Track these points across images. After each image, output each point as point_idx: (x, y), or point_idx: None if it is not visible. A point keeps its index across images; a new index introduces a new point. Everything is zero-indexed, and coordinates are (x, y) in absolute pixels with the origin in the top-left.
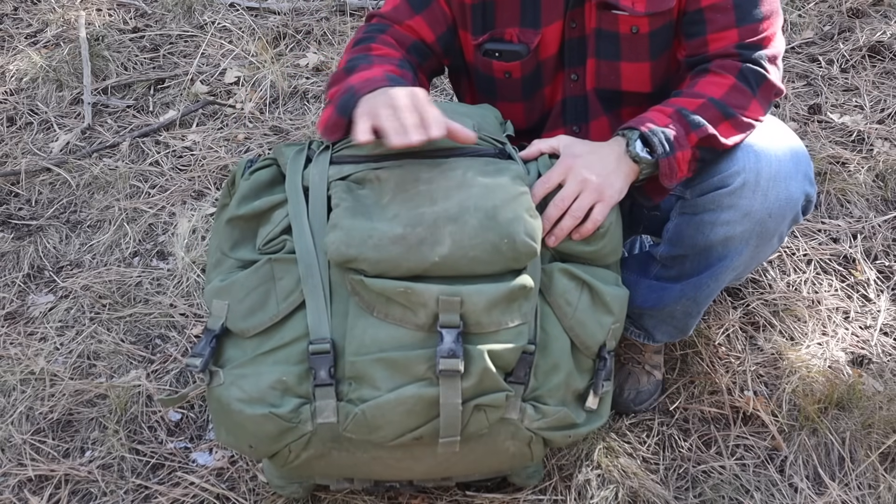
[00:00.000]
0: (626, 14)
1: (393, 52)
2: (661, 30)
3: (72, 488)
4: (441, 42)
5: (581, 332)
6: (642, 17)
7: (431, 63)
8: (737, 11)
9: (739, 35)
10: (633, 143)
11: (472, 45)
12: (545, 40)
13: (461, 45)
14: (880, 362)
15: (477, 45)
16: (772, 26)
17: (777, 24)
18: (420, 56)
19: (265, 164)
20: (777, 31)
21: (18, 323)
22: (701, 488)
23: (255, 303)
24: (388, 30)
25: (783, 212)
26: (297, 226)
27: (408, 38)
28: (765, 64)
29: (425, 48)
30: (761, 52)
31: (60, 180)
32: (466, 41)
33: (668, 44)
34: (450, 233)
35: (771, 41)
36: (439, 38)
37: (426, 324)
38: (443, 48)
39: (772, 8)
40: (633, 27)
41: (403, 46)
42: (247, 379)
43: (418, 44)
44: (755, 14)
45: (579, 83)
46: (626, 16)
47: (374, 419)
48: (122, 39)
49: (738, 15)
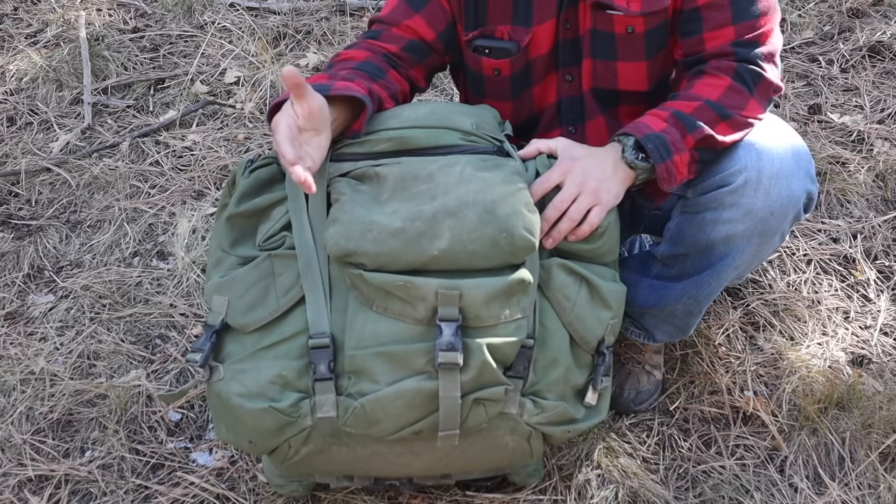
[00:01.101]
0: (621, 14)
1: (358, 54)
2: (656, 29)
3: (72, 488)
4: (442, 39)
5: (580, 327)
6: (637, 17)
7: (432, 61)
8: (733, 8)
9: (736, 32)
10: (629, 149)
11: (464, 41)
12: (536, 39)
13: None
14: (880, 362)
15: (468, 41)
16: (769, 23)
17: (774, 21)
18: (417, 54)
19: (265, 163)
20: (774, 27)
21: (18, 323)
22: (701, 488)
23: (255, 298)
24: (382, 35)
25: (785, 209)
26: (296, 222)
27: (402, 39)
28: (761, 62)
29: (424, 46)
30: (758, 49)
31: (60, 180)
32: (460, 37)
33: (664, 42)
34: (449, 227)
35: (768, 38)
36: (440, 35)
37: (425, 317)
38: (444, 45)
39: (768, 4)
40: (629, 27)
41: (397, 45)
42: (246, 374)
43: (415, 43)
44: (751, 11)
45: (574, 84)
46: (622, 16)
47: (373, 413)
48: (122, 39)
49: (735, 12)
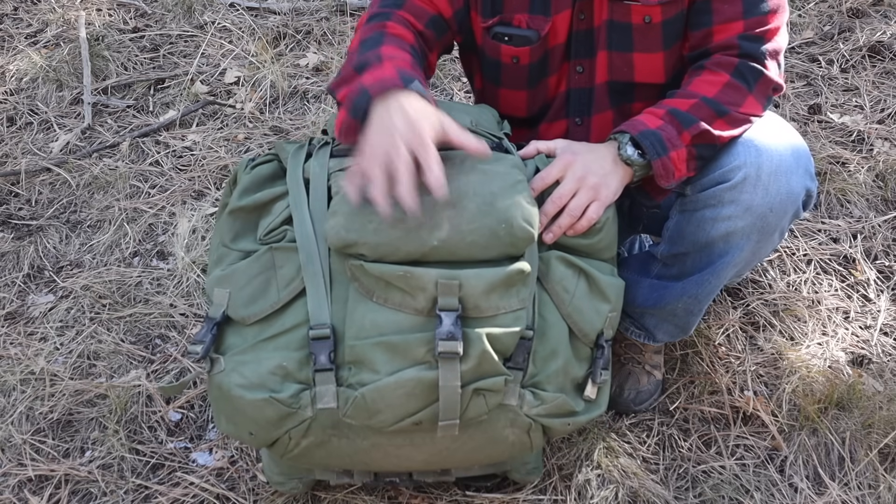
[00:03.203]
0: (638, 4)
1: (407, 33)
2: (673, 19)
3: (72, 488)
4: (457, 18)
5: (579, 319)
6: (655, 7)
7: (447, 39)
8: (744, 3)
9: (745, 26)
10: (624, 146)
11: (482, 28)
12: (555, 28)
13: (472, 26)
14: (880, 362)
15: (486, 28)
16: (777, 20)
17: (783, 19)
18: (438, 30)
19: (267, 160)
20: (782, 25)
21: (18, 323)
22: (701, 488)
23: (256, 290)
24: (405, 4)
25: (784, 206)
26: (297, 215)
27: (426, 12)
28: (764, 59)
29: (443, 22)
30: (763, 46)
31: (60, 180)
32: (476, 23)
33: (681, 34)
34: (448, 217)
35: (775, 35)
36: (456, 13)
37: (425, 308)
38: (458, 24)
39: (778, 2)
40: (646, 17)
41: (421, 21)
42: (247, 365)
43: (437, 18)
44: (762, 7)
45: (585, 75)
46: (639, 6)
47: (373, 403)
48: (122, 39)
49: (746, 6)
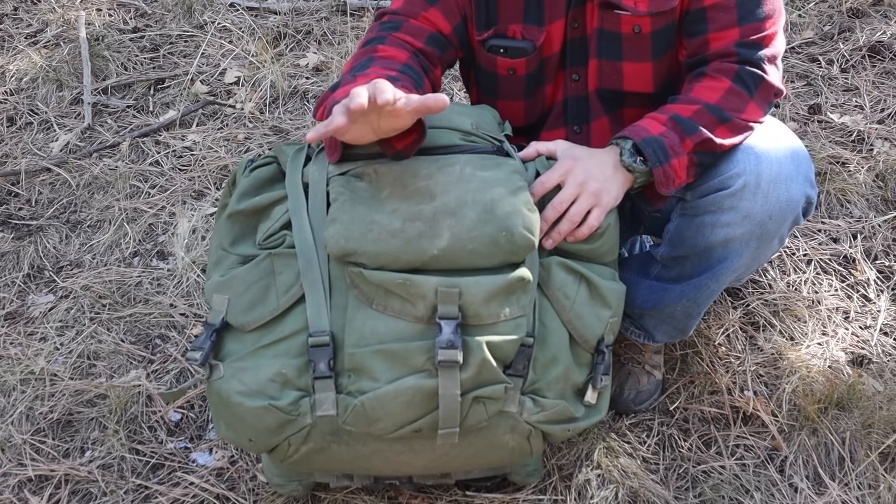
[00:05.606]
0: (628, 14)
1: (400, 53)
2: (663, 30)
3: (72, 488)
4: (457, 33)
5: (579, 326)
6: (645, 17)
7: (450, 55)
8: (739, 10)
9: (741, 33)
10: (627, 152)
11: (477, 41)
12: (549, 38)
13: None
14: (880, 362)
15: (481, 41)
16: (773, 25)
17: (779, 24)
18: (439, 47)
19: (265, 162)
20: (778, 30)
21: (18, 323)
22: (701, 488)
23: (256, 297)
24: (403, 26)
25: (783, 214)
26: (296, 221)
27: (424, 31)
28: (763, 65)
29: (443, 38)
30: (761, 51)
31: (60, 180)
32: (472, 35)
33: (671, 44)
34: (448, 226)
35: (772, 40)
36: (455, 28)
37: (425, 315)
38: (458, 39)
39: (774, 7)
40: (636, 27)
41: (420, 39)
42: (246, 372)
43: (436, 35)
44: (757, 13)
45: (581, 83)
46: (629, 15)
47: (373, 411)
48: (122, 39)
49: (741, 13)
